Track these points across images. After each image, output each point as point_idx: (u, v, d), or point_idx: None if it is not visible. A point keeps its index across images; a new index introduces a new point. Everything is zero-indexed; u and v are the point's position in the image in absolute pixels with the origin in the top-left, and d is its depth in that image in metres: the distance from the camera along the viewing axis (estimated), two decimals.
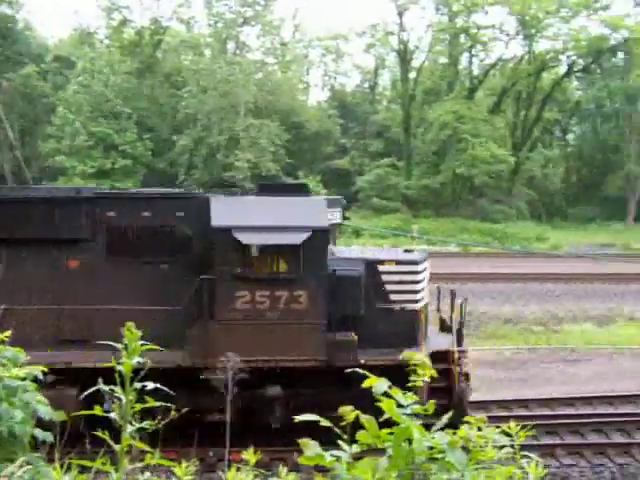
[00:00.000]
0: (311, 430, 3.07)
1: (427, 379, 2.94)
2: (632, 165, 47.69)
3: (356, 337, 10.29)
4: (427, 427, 2.75)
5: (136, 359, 2.85)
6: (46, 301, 10.34)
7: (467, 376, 10.76)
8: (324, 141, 50.33)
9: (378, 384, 2.76)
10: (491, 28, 47.41)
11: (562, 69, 51.47)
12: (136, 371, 3.24)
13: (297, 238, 10.11)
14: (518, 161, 46.53)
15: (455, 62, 49.36)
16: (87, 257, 10.70)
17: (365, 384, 2.80)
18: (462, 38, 47.92)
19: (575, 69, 51.36)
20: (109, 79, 43.38)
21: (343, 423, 2.80)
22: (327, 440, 2.94)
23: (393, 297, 10.80)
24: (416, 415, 2.72)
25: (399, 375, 7.83)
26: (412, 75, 49.81)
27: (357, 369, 3.38)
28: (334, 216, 11.18)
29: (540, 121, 50.21)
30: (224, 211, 10.46)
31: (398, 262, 11.16)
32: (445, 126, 44.40)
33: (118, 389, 2.89)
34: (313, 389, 10.45)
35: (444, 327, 11.88)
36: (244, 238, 10.08)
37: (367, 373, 2.93)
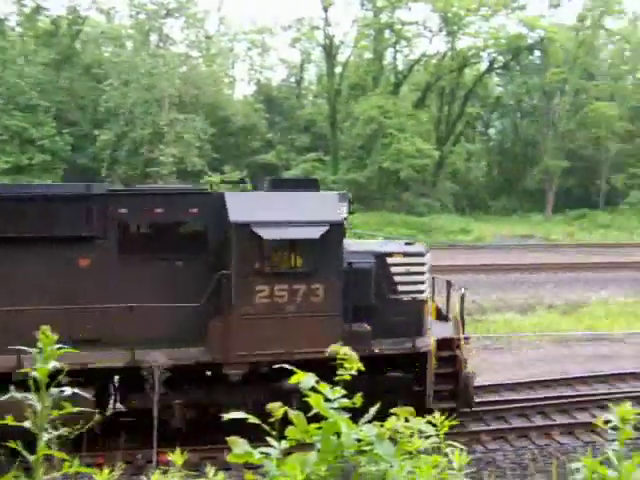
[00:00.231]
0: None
1: (354, 372, 2.91)
2: (549, 159, 49.55)
3: (370, 328, 10.67)
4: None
5: (52, 363, 2.67)
6: (56, 301, 9.98)
7: (466, 362, 11.34)
8: (250, 136, 49.97)
9: (305, 379, 2.72)
10: (415, 24, 48.20)
11: (483, 65, 52.97)
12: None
13: (315, 232, 10.28)
14: (442, 155, 47.55)
15: (380, 57, 49.88)
16: (99, 255, 10.48)
17: (291, 380, 2.78)
18: (387, 34, 48.46)
19: (495, 66, 52.90)
20: (23, 70, 41.60)
21: (271, 419, 2.73)
22: None
23: (401, 288, 11.20)
24: (343, 409, 2.68)
25: (409, 362, 8.56)
26: (338, 70, 50.07)
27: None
28: (342, 210, 11.36)
29: (463, 116, 51.46)
30: (241, 207, 10.49)
31: (405, 254, 11.54)
32: (371, 121, 44.85)
33: (32, 395, 2.71)
34: (328, 380, 10.85)
35: (440, 316, 12.29)
36: (264, 233, 10.11)
37: (294, 370, 2.87)
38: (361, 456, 2.59)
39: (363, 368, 2.90)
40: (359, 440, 2.59)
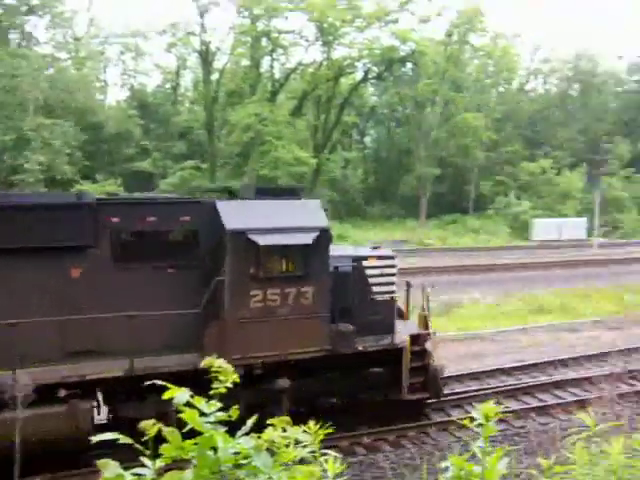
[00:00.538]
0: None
1: (229, 385, 2.77)
2: (422, 167, 51.43)
3: (353, 327, 11.26)
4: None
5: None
6: (50, 312, 9.73)
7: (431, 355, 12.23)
8: (124, 142, 48.25)
9: (179, 395, 2.58)
10: (291, 33, 48.54)
11: (358, 75, 54.14)
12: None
13: (307, 238, 10.77)
14: (319, 163, 48.09)
15: (257, 65, 49.81)
16: (91, 264, 10.30)
17: (165, 395, 2.63)
18: (264, 41, 48.48)
19: (370, 76, 54.25)
20: None
21: (145, 438, 2.54)
22: None
23: (376, 289, 11.87)
24: (220, 422, 2.58)
25: (387, 357, 9.84)
26: (215, 77, 49.45)
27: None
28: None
29: (339, 124, 52.38)
30: (235, 215, 10.71)
31: (379, 257, 12.27)
32: (248, 128, 44.60)
33: None
34: (316, 378, 11.22)
35: (399, 314, 12.72)
36: (260, 240, 10.40)
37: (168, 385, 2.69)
38: (239, 470, 2.55)
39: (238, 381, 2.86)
40: (237, 453, 2.53)
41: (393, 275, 12.20)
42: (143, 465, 2.52)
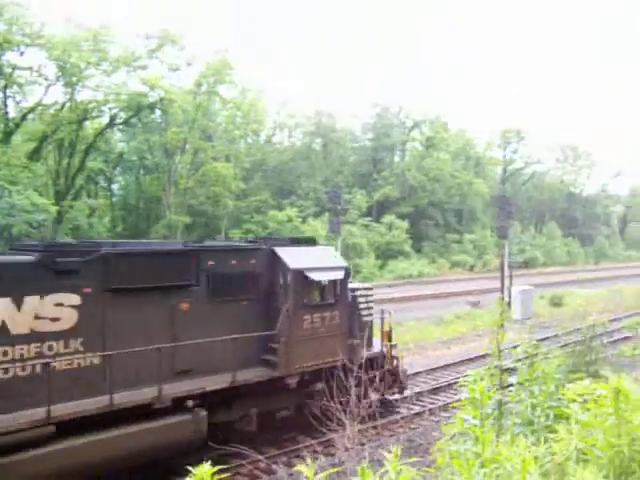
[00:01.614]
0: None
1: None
2: (172, 214, 50.69)
3: (359, 341, 14.93)
4: None
5: None
6: (165, 339, 12.07)
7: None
8: None
9: None
10: (29, 70, 45.22)
11: (105, 120, 52.06)
12: None
13: (340, 274, 14.77)
14: (62, 210, 44.98)
15: None
16: (195, 299, 12.82)
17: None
18: None
19: (118, 121, 52.48)
20: None
21: None
22: None
23: (363, 312, 15.84)
24: None
25: (373, 362, 15.41)
26: None
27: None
28: None
29: (84, 170, 49.70)
30: (292, 258, 14.17)
31: (364, 289, 16.36)
32: None
33: None
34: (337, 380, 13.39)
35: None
36: (314, 276, 14.06)
37: None
38: None
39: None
40: None
41: (372, 302, 16.25)
42: None
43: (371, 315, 16.17)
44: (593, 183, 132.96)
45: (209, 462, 3.58)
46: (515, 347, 5.90)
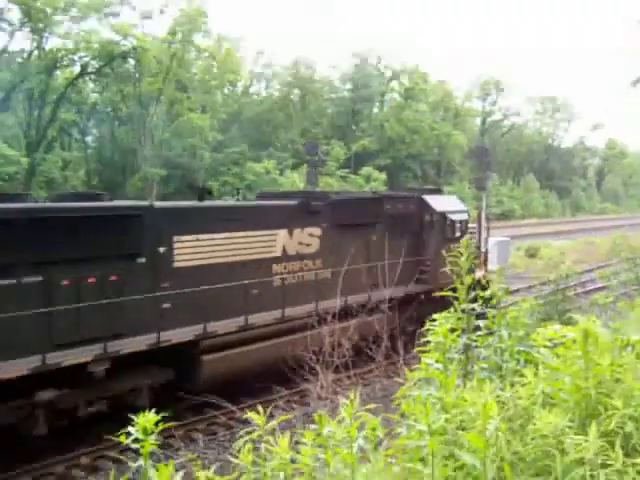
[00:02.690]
0: None
1: None
2: (148, 167, 49.85)
3: None
4: None
5: None
6: (364, 261, 17.13)
7: None
8: None
9: None
10: None
11: (76, 69, 50.63)
12: None
13: (465, 216, 20.31)
14: (34, 163, 44.05)
15: None
16: (379, 233, 18.02)
17: None
18: None
19: (89, 71, 51.08)
20: None
21: None
22: None
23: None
24: None
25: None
26: None
27: None
28: None
29: (56, 121, 48.52)
30: (436, 203, 19.64)
31: (472, 227, 22.21)
32: None
33: None
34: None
35: None
36: (452, 217, 19.50)
37: None
38: None
39: None
40: None
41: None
42: None
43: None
44: (571, 136, 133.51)
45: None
46: (484, 290, 5.82)
